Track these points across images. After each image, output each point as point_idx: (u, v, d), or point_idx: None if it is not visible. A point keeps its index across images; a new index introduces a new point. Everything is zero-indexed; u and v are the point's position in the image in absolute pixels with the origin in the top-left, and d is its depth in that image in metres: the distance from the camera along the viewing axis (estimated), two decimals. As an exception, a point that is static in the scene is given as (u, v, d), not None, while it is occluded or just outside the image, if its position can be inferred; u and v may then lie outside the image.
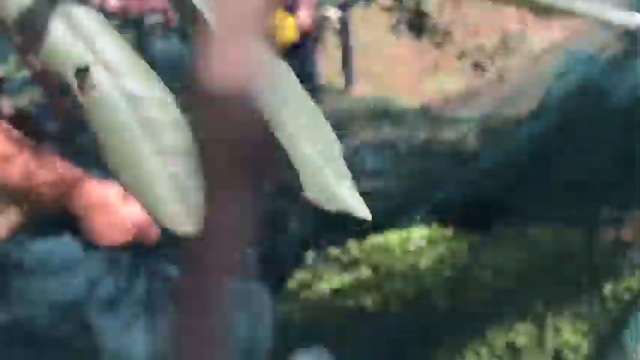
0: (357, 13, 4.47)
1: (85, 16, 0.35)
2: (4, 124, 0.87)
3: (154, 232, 0.92)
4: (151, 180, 0.34)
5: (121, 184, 0.35)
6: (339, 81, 4.28)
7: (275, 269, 2.19)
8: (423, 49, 2.37)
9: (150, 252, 0.95)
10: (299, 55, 2.63)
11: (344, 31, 4.12)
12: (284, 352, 1.56)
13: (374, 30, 5.09)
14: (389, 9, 3.86)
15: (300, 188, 0.39)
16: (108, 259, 0.96)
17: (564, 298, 1.71)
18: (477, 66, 2.25)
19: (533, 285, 1.78)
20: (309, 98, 0.41)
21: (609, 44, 3.49)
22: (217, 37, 0.18)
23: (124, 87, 0.35)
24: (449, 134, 2.99)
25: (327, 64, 4.63)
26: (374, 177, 2.79)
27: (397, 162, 2.99)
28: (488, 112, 2.98)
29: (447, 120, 3.14)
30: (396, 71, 4.38)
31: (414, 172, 2.83)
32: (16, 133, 0.85)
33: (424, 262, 1.99)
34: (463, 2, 2.85)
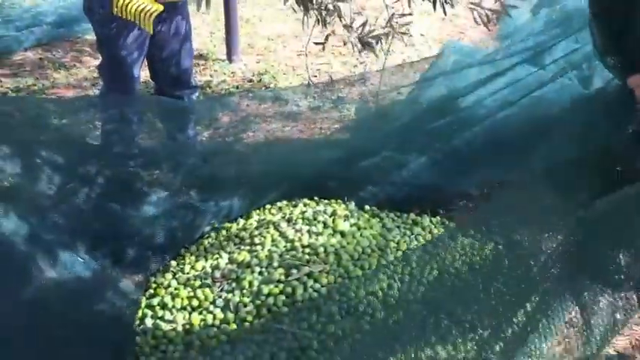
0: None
1: None
2: None
3: None
4: None
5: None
6: (221, 53, 4.14)
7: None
8: (310, 27, 2.32)
9: None
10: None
11: (228, 2, 3.97)
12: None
13: (260, 4, 5.00)
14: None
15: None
16: None
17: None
18: (363, 43, 2.22)
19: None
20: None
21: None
22: None
23: None
24: (331, 112, 2.97)
25: (212, 35, 4.48)
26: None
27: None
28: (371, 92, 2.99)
29: (329, 98, 3.12)
30: (280, 48, 4.31)
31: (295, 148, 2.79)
32: None
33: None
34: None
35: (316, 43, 2.48)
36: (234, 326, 1.73)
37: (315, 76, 3.83)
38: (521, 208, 1.94)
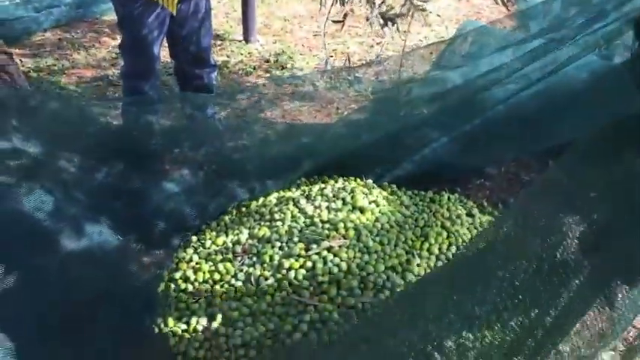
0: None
1: None
2: None
3: None
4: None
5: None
6: (238, 34, 4.15)
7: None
8: (327, 7, 2.33)
9: None
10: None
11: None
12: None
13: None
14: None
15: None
16: None
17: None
18: (386, 19, 2.22)
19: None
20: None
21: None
22: None
23: None
24: (348, 92, 2.98)
25: (228, 16, 4.49)
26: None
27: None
28: (388, 71, 2.99)
29: (346, 79, 3.12)
30: (297, 28, 4.31)
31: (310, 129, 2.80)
32: None
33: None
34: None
35: (335, 21, 2.49)
36: (256, 299, 1.77)
37: (332, 56, 3.84)
38: (540, 187, 1.94)
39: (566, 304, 1.47)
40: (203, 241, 2.07)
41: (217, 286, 1.84)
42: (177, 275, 1.92)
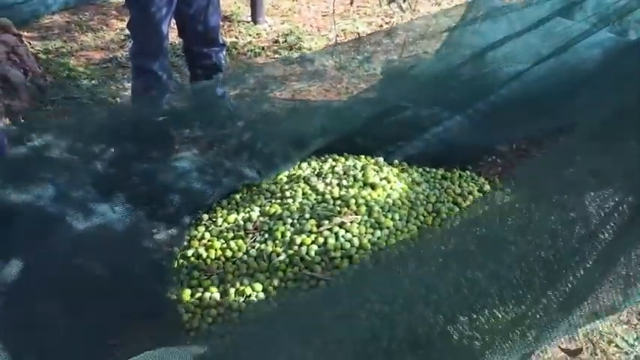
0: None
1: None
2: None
3: None
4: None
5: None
6: (246, 15, 4.12)
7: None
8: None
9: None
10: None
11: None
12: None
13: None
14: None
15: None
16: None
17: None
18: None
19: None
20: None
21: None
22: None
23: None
24: (357, 72, 2.96)
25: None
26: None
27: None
28: (396, 51, 2.96)
29: (355, 58, 3.09)
30: (305, 8, 4.28)
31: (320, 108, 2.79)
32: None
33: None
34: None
35: (344, -3, 2.47)
36: (268, 275, 1.77)
37: (339, 36, 3.81)
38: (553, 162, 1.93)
39: (579, 278, 1.45)
40: (214, 219, 2.08)
41: (229, 263, 1.85)
42: (190, 253, 1.92)
